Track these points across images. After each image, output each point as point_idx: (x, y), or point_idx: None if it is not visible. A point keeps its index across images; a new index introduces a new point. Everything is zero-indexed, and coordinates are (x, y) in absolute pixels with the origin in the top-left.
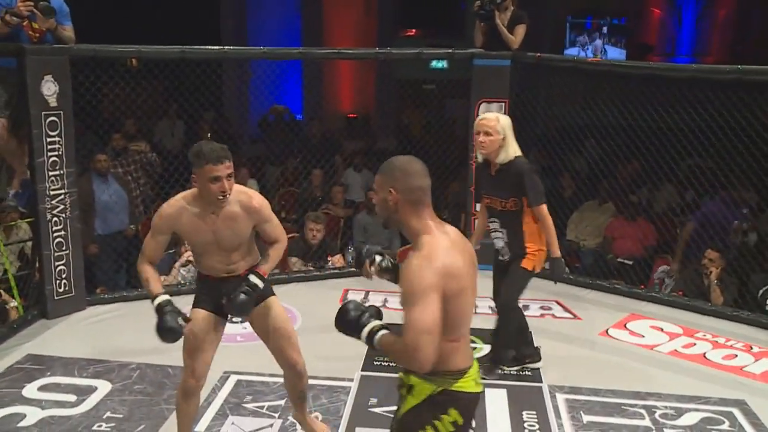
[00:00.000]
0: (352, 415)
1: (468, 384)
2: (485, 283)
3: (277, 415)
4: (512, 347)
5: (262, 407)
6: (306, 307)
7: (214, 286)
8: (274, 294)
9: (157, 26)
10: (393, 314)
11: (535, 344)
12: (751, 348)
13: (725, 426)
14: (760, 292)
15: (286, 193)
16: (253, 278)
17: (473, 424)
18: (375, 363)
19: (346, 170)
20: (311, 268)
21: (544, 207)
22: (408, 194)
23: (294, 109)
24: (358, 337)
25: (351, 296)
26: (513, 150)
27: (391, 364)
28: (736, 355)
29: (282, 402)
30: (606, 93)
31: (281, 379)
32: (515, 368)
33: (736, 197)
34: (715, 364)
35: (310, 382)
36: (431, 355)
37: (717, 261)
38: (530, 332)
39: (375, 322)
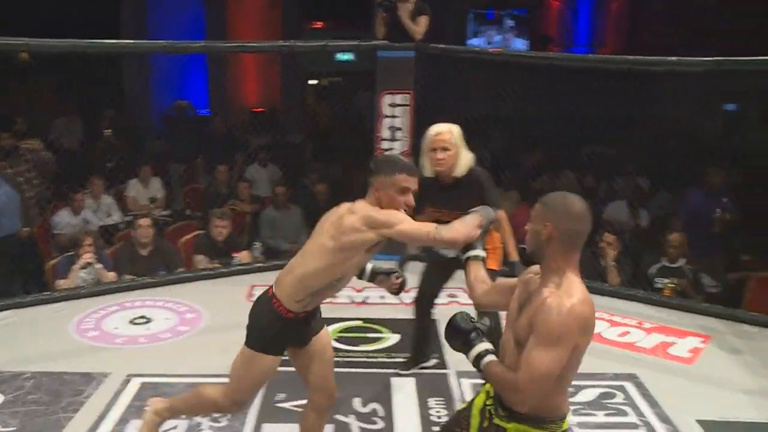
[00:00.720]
0: (259, 412)
1: (565, 426)
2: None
3: (183, 416)
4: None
5: None
6: (212, 304)
7: (306, 320)
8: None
9: (54, 21)
10: None
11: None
12: (642, 324)
13: (619, 399)
14: (651, 271)
15: (191, 189)
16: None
17: None
18: (283, 358)
19: (251, 165)
20: (217, 265)
21: (503, 212)
22: (565, 236)
23: (199, 105)
24: (466, 355)
25: (257, 292)
26: (467, 159)
27: None
28: (629, 332)
29: None
30: (509, 84)
31: (187, 380)
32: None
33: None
34: (610, 341)
35: (217, 380)
36: (535, 400)
37: (614, 244)
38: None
39: (484, 345)
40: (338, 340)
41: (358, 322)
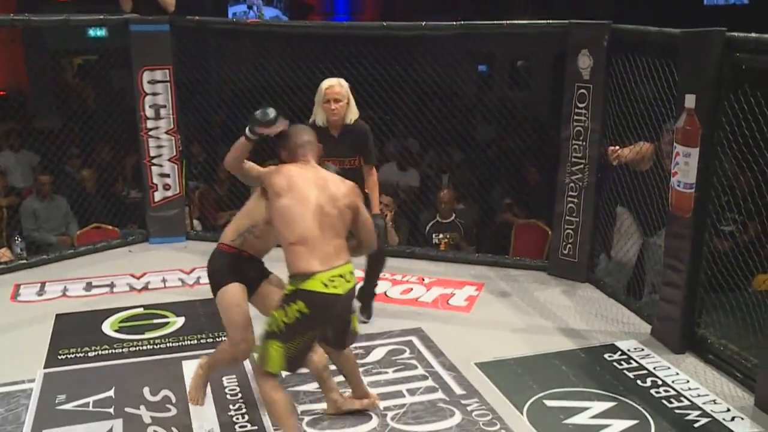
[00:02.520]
0: (36, 419)
1: (315, 284)
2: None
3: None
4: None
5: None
6: None
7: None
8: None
9: None
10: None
11: None
12: (423, 280)
13: (407, 354)
14: (427, 228)
15: None
16: None
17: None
18: (60, 357)
19: (1, 153)
20: None
21: (374, 167)
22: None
23: None
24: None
25: (24, 291)
26: (354, 111)
27: (78, 356)
28: (412, 289)
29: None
30: (271, 54)
31: None
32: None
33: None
34: (394, 299)
35: None
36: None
37: (390, 205)
38: None
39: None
40: (120, 330)
41: (140, 310)
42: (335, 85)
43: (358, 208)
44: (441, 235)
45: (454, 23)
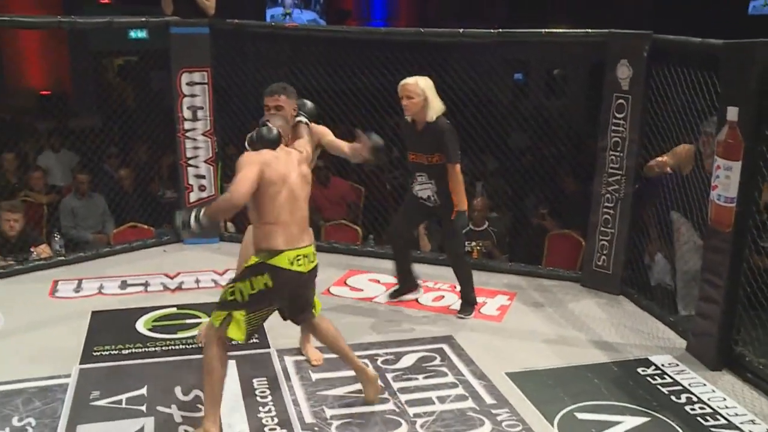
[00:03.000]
0: (72, 413)
1: (282, 261)
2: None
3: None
4: (473, 286)
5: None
6: (9, 306)
7: None
8: None
9: None
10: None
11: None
12: (455, 287)
13: (437, 361)
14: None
15: None
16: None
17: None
18: (95, 354)
19: (43, 153)
20: (12, 263)
21: (458, 166)
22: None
23: None
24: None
25: (62, 287)
26: (436, 109)
27: (112, 353)
28: (443, 296)
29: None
30: (310, 58)
31: None
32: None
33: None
34: (426, 306)
35: (20, 386)
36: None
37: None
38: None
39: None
40: (153, 329)
41: (173, 310)
42: (408, 83)
43: (309, 159)
44: (473, 243)
45: (492, 31)
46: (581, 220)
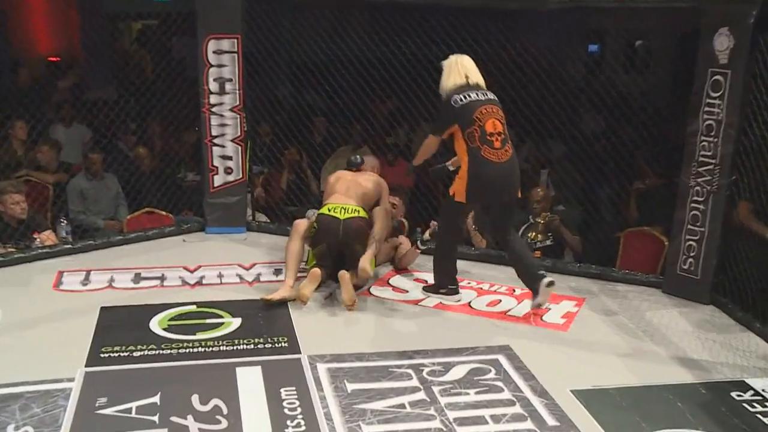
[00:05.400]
0: (74, 422)
1: (323, 210)
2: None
3: None
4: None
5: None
6: (8, 299)
7: None
8: None
9: None
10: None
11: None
12: (514, 291)
13: (491, 375)
14: (521, 230)
15: None
16: None
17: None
18: (102, 355)
19: (52, 126)
20: (12, 251)
21: (431, 136)
22: None
23: None
24: None
25: (67, 279)
26: (444, 88)
27: (122, 355)
28: (500, 300)
29: None
30: (352, 24)
31: None
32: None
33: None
34: (480, 311)
35: (17, 390)
36: None
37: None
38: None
39: None
40: (169, 329)
41: (192, 307)
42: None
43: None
44: (531, 234)
45: None
46: (664, 216)
